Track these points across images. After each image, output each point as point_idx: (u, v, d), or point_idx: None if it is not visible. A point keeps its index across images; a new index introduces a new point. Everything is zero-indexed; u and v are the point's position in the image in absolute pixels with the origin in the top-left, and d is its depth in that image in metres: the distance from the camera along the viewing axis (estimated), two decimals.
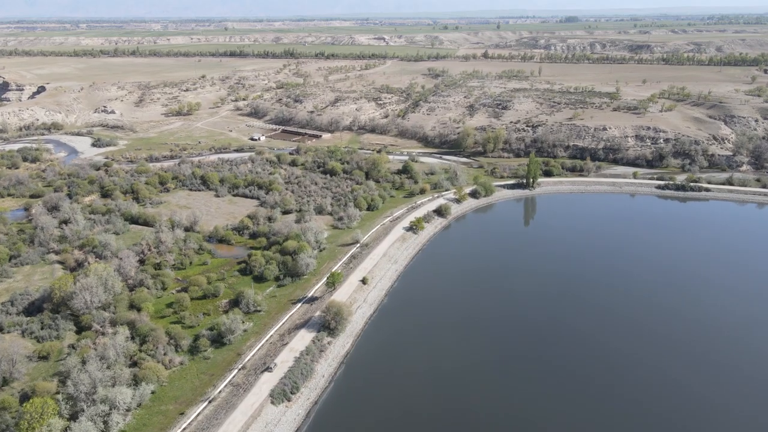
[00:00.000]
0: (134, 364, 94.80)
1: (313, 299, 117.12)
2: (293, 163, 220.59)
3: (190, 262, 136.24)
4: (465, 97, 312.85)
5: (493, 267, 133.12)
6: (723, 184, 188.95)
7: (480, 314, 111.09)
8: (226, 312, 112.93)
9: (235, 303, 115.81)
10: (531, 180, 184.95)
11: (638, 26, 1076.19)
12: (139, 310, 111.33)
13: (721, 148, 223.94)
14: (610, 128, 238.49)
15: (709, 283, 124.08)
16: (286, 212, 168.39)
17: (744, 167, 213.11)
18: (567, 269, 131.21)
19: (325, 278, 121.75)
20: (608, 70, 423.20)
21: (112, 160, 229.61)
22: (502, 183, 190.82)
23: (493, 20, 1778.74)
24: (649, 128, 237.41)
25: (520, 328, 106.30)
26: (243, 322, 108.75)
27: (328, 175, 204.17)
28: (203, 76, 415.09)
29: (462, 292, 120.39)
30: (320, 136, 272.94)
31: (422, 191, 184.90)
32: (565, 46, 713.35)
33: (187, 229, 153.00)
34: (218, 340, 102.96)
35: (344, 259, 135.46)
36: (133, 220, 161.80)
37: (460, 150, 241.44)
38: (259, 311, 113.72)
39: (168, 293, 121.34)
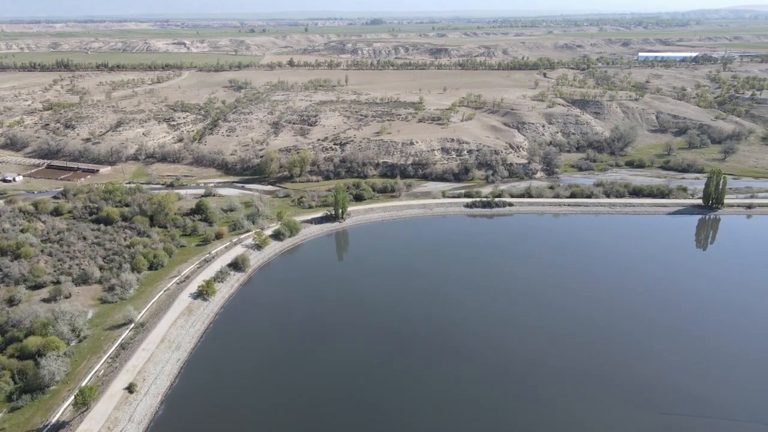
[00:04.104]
0: None
1: (58, 427, 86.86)
2: (57, 212, 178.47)
3: None
4: (269, 113, 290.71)
5: (302, 331, 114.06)
6: (523, 195, 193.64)
7: (289, 412, 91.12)
8: None
9: None
10: (340, 211, 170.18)
11: (436, 29, 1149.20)
12: None
13: (518, 156, 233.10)
14: (417, 142, 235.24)
15: (526, 294, 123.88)
16: (36, 287, 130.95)
17: (539, 174, 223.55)
18: (385, 315, 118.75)
19: (76, 394, 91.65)
20: (411, 77, 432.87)
21: None
22: (310, 217, 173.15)
23: (302, 21, 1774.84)
24: (453, 140, 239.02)
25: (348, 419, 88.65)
26: None
27: (102, 225, 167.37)
28: None
29: (264, 377, 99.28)
30: (97, 170, 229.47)
31: (218, 236, 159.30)
32: (372, 50, 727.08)
33: None
34: None
35: (111, 351, 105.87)
36: None
37: (265, 176, 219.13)
38: None
39: None
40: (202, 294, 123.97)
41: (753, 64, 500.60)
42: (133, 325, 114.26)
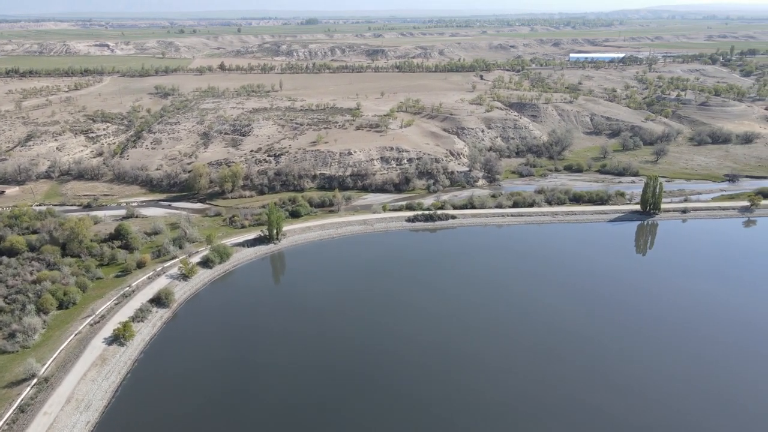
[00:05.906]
0: None
1: None
2: None
3: None
4: (199, 122, 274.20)
5: (234, 372, 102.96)
6: (465, 205, 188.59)
7: None
8: None
9: None
10: (275, 232, 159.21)
11: (372, 29, 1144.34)
12: None
13: (459, 163, 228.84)
14: (355, 152, 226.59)
15: (478, 315, 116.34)
16: None
17: (480, 182, 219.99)
18: (326, 344, 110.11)
19: None
20: (348, 81, 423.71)
21: None
22: (243, 239, 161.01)
23: (234, 21, 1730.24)
24: (392, 148, 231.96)
25: None
26: None
27: (4, 257, 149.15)
28: None
29: None
30: (2, 192, 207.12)
31: (140, 265, 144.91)
32: (307, 51, 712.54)
33: None
34: None
35: (8, 416, 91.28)
36: None
37: (194, 193, 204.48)
38: None
39: None
40: (119, 338, 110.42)
41: (675, 64, 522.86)
42: (35, 381, 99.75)
